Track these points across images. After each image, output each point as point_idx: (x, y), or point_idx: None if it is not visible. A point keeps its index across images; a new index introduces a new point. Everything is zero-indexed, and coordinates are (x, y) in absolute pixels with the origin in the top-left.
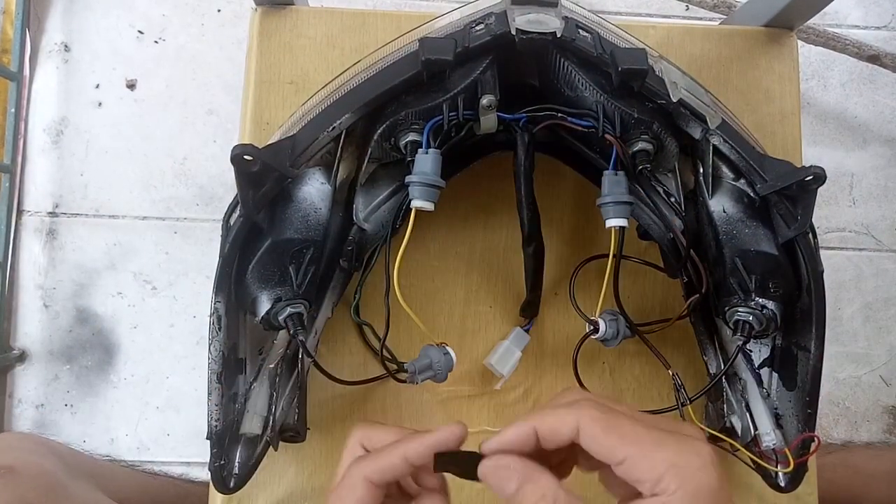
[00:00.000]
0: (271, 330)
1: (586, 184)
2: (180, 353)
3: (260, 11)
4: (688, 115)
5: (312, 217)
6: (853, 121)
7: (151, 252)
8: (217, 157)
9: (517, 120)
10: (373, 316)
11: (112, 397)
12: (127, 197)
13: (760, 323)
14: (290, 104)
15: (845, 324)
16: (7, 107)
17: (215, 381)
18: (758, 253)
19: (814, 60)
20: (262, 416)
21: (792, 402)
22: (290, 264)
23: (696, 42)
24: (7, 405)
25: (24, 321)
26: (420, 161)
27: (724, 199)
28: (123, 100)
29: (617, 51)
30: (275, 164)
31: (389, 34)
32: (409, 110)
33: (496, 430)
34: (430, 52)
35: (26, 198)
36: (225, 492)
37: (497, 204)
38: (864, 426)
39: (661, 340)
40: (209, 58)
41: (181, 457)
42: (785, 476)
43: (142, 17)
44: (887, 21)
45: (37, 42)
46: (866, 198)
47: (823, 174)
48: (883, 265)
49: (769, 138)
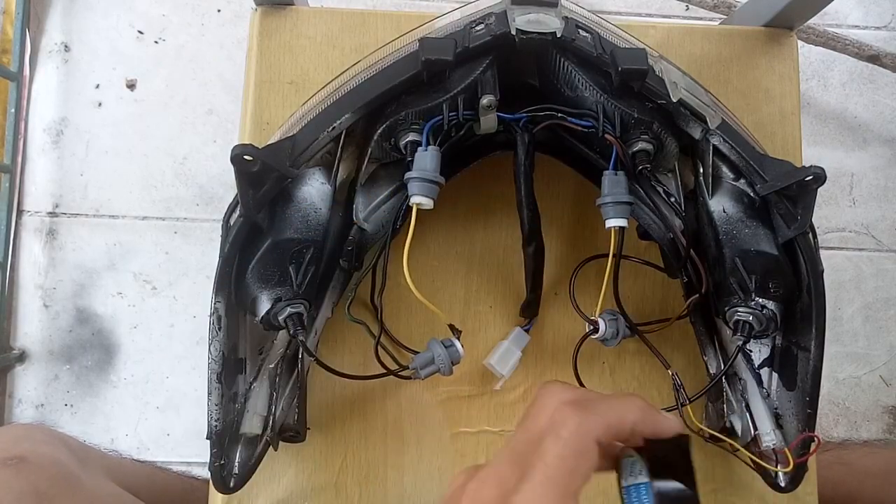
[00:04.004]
0: (271, 330)
1: (586, 184)
2: (180, 353)
3: (260, 11)
4: (688, 115)
5: (312, 217)
6: (853, 121)
7: (151, 252)
8: (217, 157)
9: (517, 120)
10: (386, 316)
11: (112, 397)
12: (127, 197)
13: (760, 323)
14: (290, 104)
15: (845, 324)
16: (7, 107)
17: (215, 380)
18: (758, 253)
19: (814, 60)
20: (262, 415)
21: (792, 402)
22: (290, 264)
23: (696, 42)
24: (7, 405)
25: (24, 321)
26: (420, 158)
27: (724, 199)
28: (123, 100)
29: (617, 51)
30: (275, 164)
31: (389, 34)
32: (409, 110)
33: (496, 431)
34: (430, 52)
35: (26, 198)
36: (225, 492)
37: (497, 204)
38: (863, 426)
39: (661, 340)
40: (209, 58)
41: (181, 457)
42: (785, 476)
43: (142, 17)
44: (887, 21)
45: (37, 42)
46: (866, 198)
47: (823, 174)
48: (883, 265)
49: (769, 138)
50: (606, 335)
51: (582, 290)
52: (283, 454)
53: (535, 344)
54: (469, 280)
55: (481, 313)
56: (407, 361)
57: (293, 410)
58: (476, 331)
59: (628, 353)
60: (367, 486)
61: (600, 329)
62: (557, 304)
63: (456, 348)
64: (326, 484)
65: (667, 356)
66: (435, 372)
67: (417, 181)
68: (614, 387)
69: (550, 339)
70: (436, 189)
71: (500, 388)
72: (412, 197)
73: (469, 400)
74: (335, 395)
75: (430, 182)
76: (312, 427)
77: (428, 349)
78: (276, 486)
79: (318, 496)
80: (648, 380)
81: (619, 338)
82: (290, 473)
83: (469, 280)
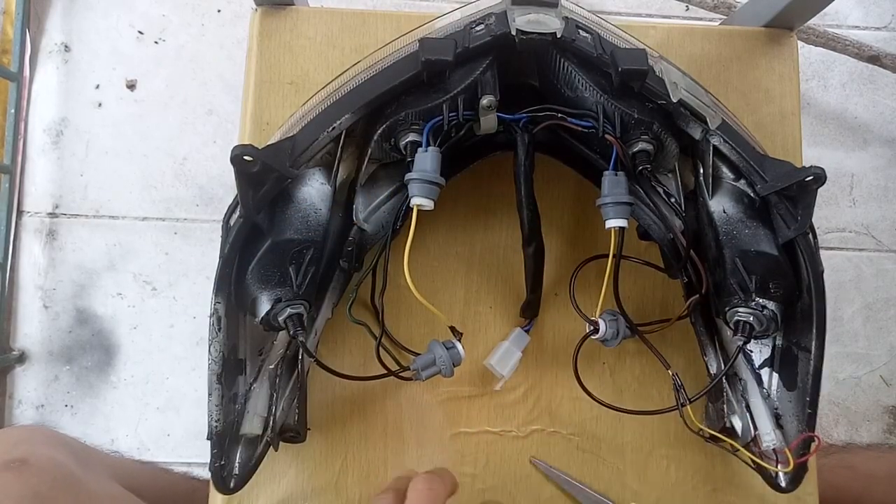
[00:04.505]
0: (271, 330)
1: (586, 184)
2: (180, 354)
3: (260, 11)
4: (688, 115)
5: (312, 217)
6: (853, 121)
7: (151, 252)
8: (217, 158)
9: (517, 120)
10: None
11: (112, 398)
12: (127, 197)
13: (761, 323)
14: (290, 104)
15: (845, 324)
16: (7, 107)
17: (215, 381)
18: (758, 253)
19: (814, 61)
20: (263, 416)
21: (792, 402)
22: (290, 265)
23: (696, 42)
24: (7, 406)
25: (23, 322)
26: (420, 159)
27: (724, 200)
28: (123, 100)
29: (617, 51)
30: (275, 165)
31: (389, 34)
32: (409, 111)
33: (496, 431)
34: (430, 53)
35: (26, 198)
36: (225, 492)
37: (497, 204)
38: (864, 426)
39: (661, 340)
40: (209, 58)
41: (181, 457)
42: (785, 476)
43: (142, 17)
44: (887, 21)
45: (37, 42)
46: (866, 198)
47: (823, 174)
48: (883, 265)
49: (769, 138)
50: (607, 336)
51: (582, 291)
52: (284, 455)
53: (535, 344)
54: (469, 280)
55: (481, 314)
56: (407, 362)
57: (293, 411)
58: (476, 331)
59: (628, 353)
60: (367, 486)
61: (600, 329)
62: (557, 305)
63: (457, 350)
64: (327, 484)
65: (667, 356)
66: (436, 373)
67: (418, 182)
68: (614, 387)
69: (550, 339)
70: (436, 190)
71: (500, 388)
72: (413, 198)
73: (469, 400)
74: (335, 395)
75: (430, 183)
76: (313, 427)
77: (429, 350)
78: (277, 486)
79: (319, 496)
80: (648, 380)
81: (619, 338)
82: (290, 474)
83: (469, 280)
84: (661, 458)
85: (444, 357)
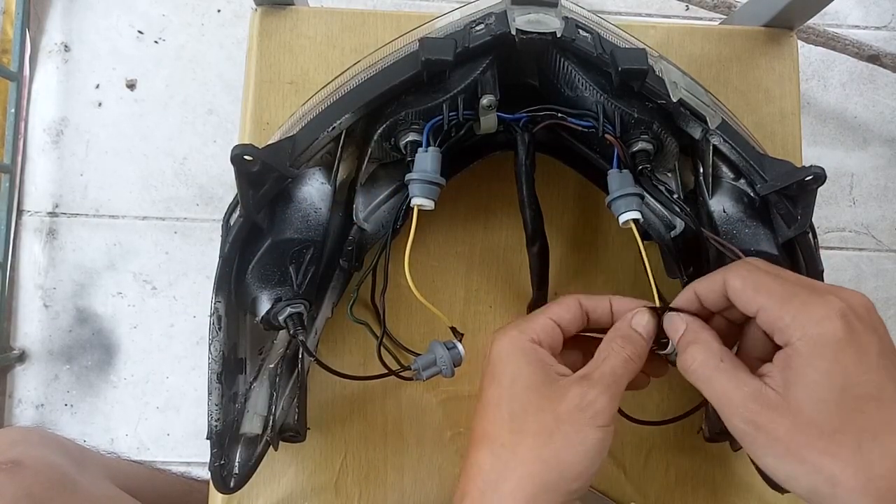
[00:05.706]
0: (271, 330)
1: (587, 184)
2: (180, 353)
3: (260, 11)
4: (688, 115)
5: (312, 217)
6: (853, 121)
7: (151, 252)
8: (217, 157)
9: (517, 120)
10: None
11: (112, 397)
12: (127, 197)
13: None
14: (290, 104)
15: None
16: (7, 107)
17: (215, 380)
18: (758, 253)
19: (814, 60)
20: (263, 415)
21: None
22: (290, 264)
23: (696, 42)
24: (7, 405)
25: (24, 321)
26: (420, 159)
27: (724, 199)
28: (123, 100)
29: (617, 51)
30: (275, 164)
31: (389, 34)
32: (409, 110)
33: None
34: (430, 52)
35: (26, 198)
36: (225, 492)
37: (497, 204)
38: None
39: None
40: (209, 58)
41: (181, 457)
42: None
43: (142, 17)
44: (887, 21)
45: (37, 42)
46: (866, 198)
47: (823, 174)
48: (883, 265)
49: (769, 138)
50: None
51: (584, 291)
52: (283, 454)
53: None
54: (469, 280)
55: (482, 313)
56: (407, 362)
57: (293, 410)
58: (476, 331)
59: None
60: (367, 486)
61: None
62: None
63: (458, 350)
64: (326, 484)
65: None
66: (437, 374)
67: (418, 183)
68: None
69: None
70: (437, 190)
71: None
72: (413, 198)
73: (469, 400)
74: (335, 395)
75: (430, 183)
76: (312, 427)
77: (430, 350)
78: (276, 486)
79: (318, 496)
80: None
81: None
82: (290, 473)
83: (469, 280)
84: (661, 458)
85: (444, 357)
